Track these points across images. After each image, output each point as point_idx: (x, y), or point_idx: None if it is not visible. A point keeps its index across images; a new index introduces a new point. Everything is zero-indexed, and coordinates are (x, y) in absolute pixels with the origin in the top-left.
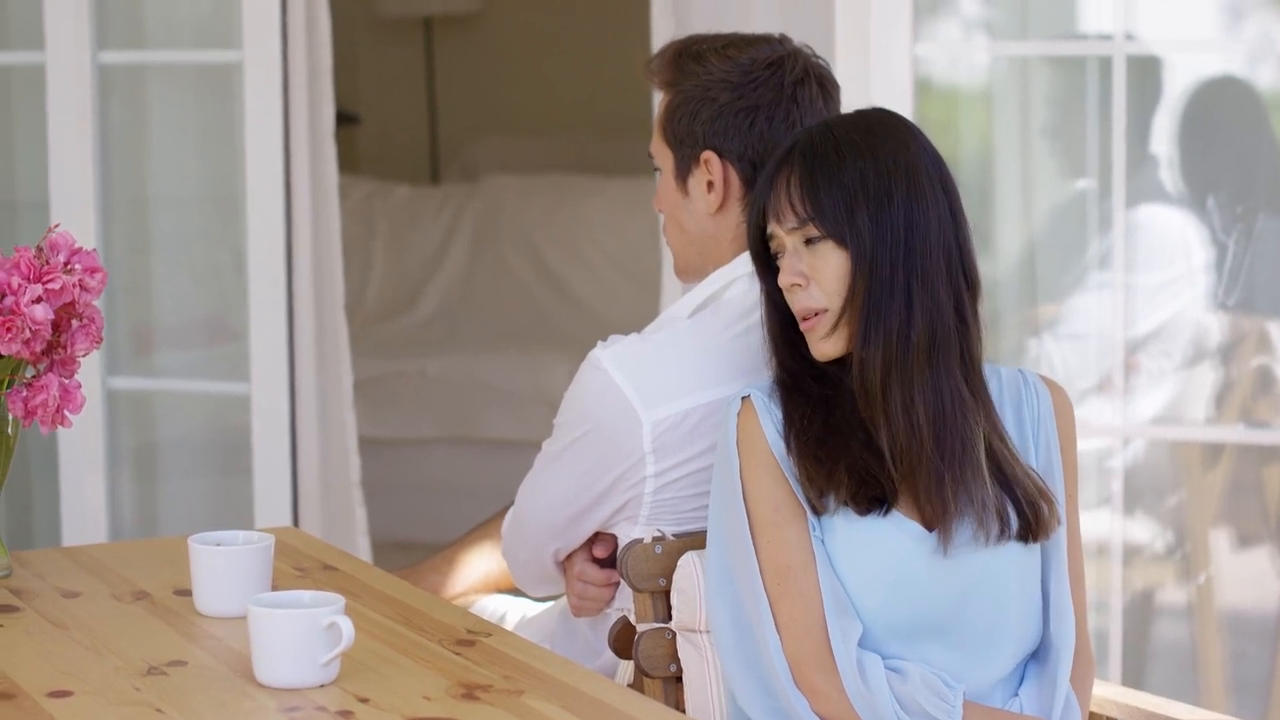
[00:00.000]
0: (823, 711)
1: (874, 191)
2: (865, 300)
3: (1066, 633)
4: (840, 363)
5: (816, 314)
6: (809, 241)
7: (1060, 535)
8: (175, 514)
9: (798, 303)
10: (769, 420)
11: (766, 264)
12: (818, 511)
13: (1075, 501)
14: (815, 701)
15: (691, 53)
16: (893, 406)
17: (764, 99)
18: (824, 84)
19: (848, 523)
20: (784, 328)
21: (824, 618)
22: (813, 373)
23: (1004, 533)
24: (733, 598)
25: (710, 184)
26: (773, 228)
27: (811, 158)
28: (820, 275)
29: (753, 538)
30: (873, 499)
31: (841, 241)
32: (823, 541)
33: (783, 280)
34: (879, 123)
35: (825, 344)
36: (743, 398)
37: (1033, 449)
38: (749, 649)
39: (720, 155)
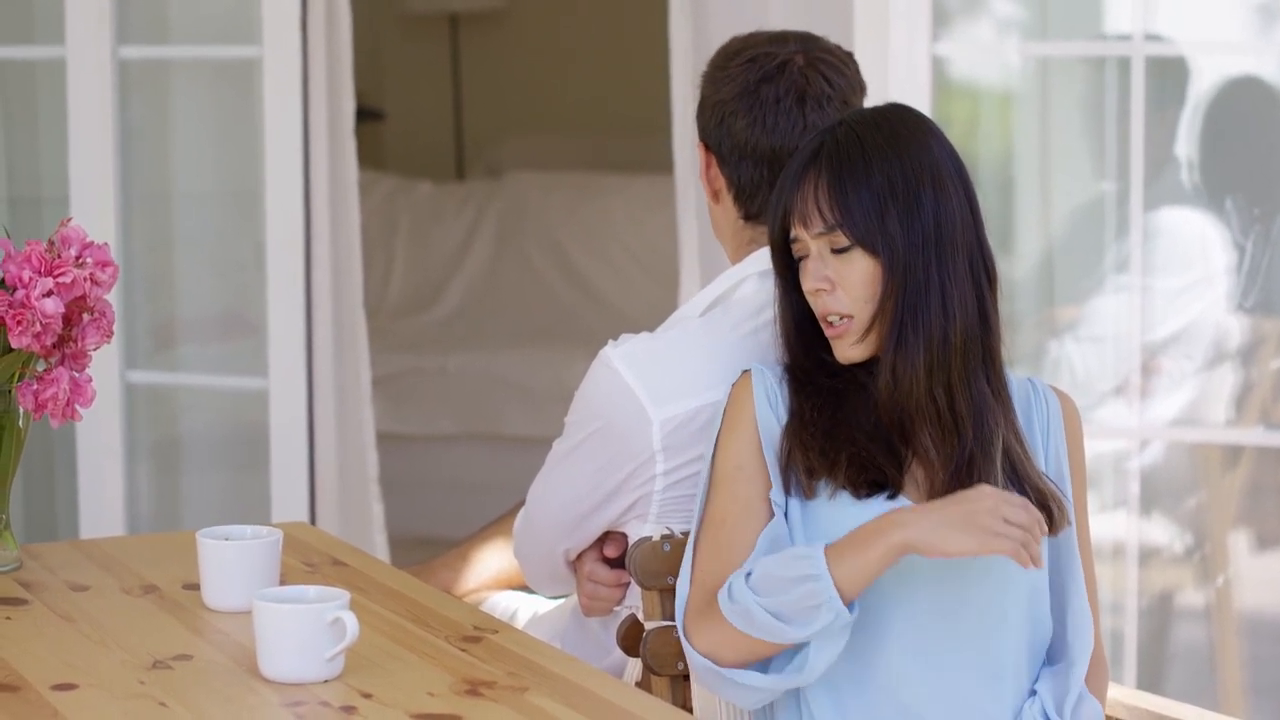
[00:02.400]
0: (706, 650)
1: (902, 196)
2: (899, 306)
3: (1085, 640)
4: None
5: (842, 318)
6: (836, 248)
7: (1073, 543)
8: (193, 509)
9: (823, 307)
10: (762, 390)
11: (786, 263)
12: (807, 494)
13: (1085, 510)
14: (696, 643)
15: (715, 51)
16: (938, 409)
17: (730, 93)
18: (804, 84)
19: (853, 504)
20: (799, 326)
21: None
22: (824, 369)
23: None
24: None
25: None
26: (797, 231)
27: (838, 162)
28: (847, 282)
29: (708, 494)
30: (872, 483)
31: (872, 249)
32: (803, 520)
33: (808, 285)
34: (901, 122)
35: (854, 350)
36: (745, 370)
37: (1042, 456)
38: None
39: (706, 148)
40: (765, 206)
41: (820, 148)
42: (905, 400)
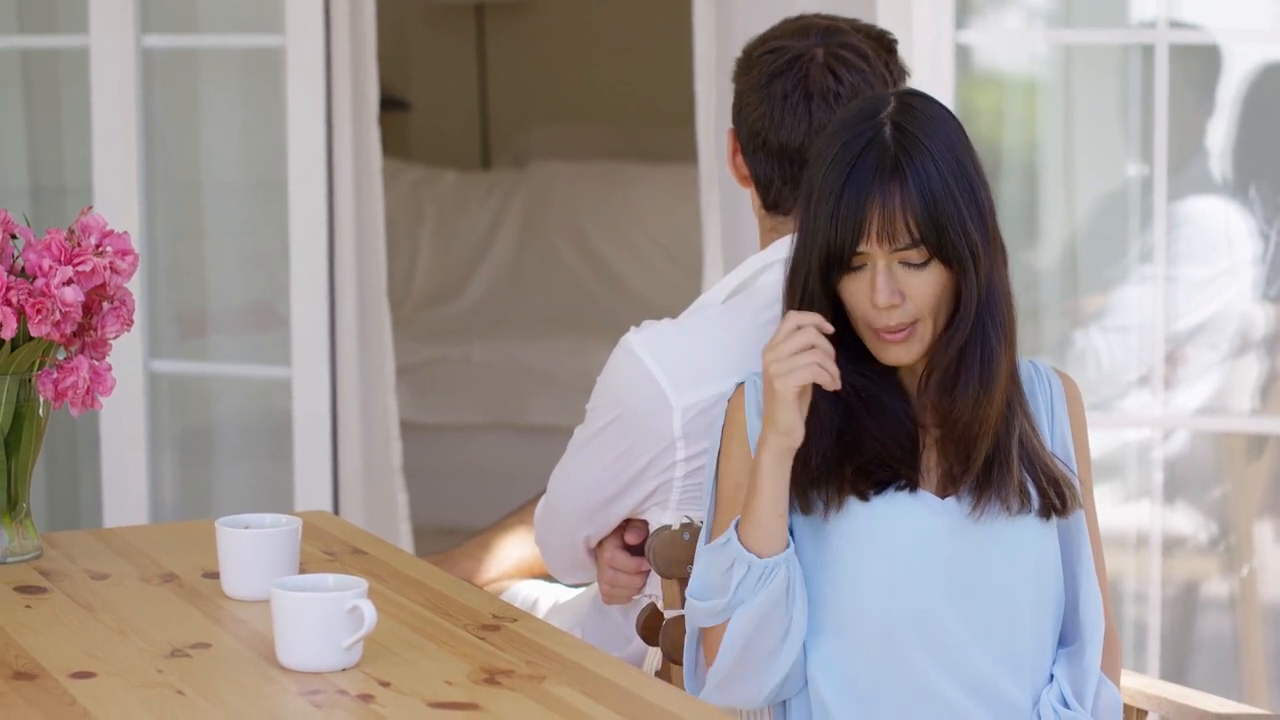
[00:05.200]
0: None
1: (972, 201)
2: (977, 314)
3: (1096, 619)
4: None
5: (905, 328)
6: (914, 262)
7: (1082, 525)
8: (217, 498)
9: (890, 319)
10: (753, 406)
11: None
12: (804, 510)
13: (1090, 491)
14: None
15: (743, 39)
16: (982, 410)
17: (748, 85)
18: (810, 82)
19: (861, 506)
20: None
21: None
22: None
23: (1024, 507)
24: None
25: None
26: (870, 246)
27: (920, 176)
28: (918, 293)
29: (714, 516)
30: (879, 483)
31: (958, 262)
32: (811, 534)
33: (881, 300)
34: (941, 118)
35: (909, 355)
36: (739, 384)
37: (1048, 437)
38: None
39: (734, 134)
40: (781, 199)
41: (895, 162)
42: (960, 405)
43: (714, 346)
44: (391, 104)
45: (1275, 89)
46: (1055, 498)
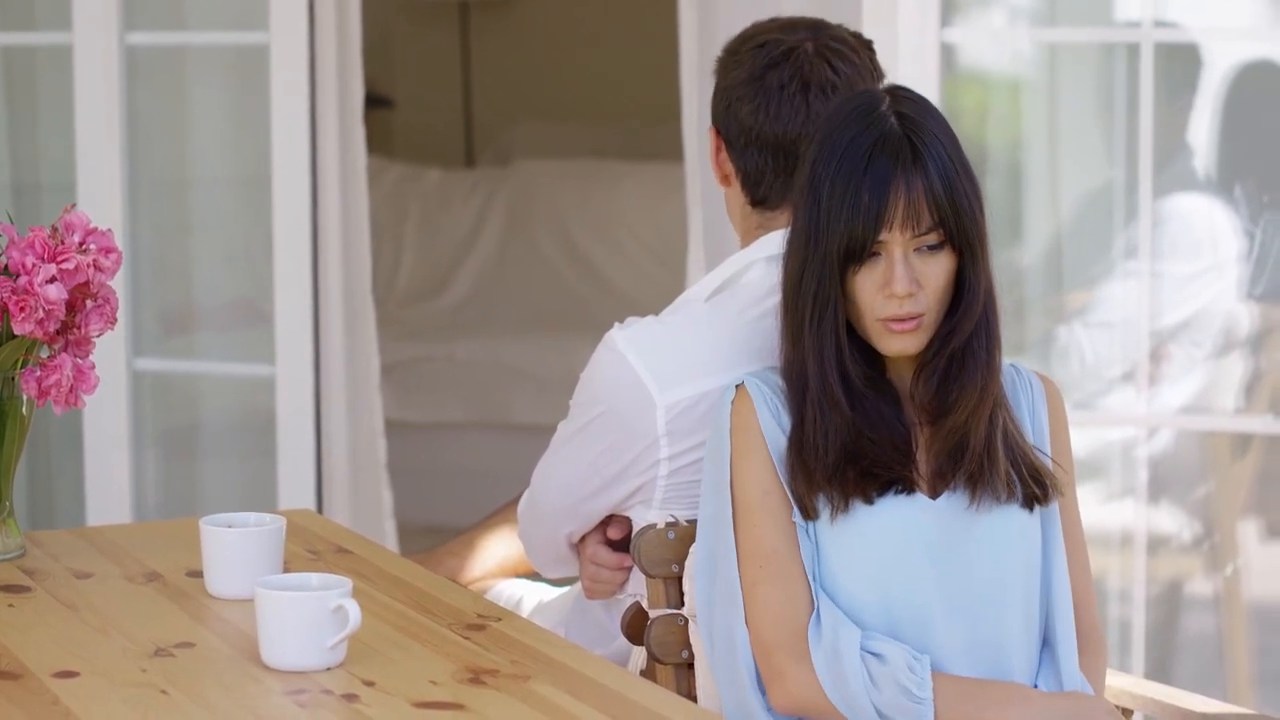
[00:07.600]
0: (787, 699)
1: (970, 186)
2: (982, 301)
3: (1066, 618)
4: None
5: (914, 317)
6: (928, 246)
7: (1058, 523)
8: (201, 497)
9: (903, 308)
10: (765, 408)
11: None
12: (809, 515)
13: (1073, 490)
14: (781, 686)
15: (726, 36)
16: (982, 401)
17: (738, 79)
18: (808, 72)
19: (865, 510)
20: (839, 338)
21: (806, 603)
22: (846, 386)
23: (1010, 498)
24: (713, 585)
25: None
26: (889, 235)
27: (939, 160)
28: (929, 279)
29: (736, 524)
30: (884, 484)
31: (968, 246)
32: (814, 539)
33: (900, 288)
34: (931, 107)
35: (914, 345)
36: (737, 385)
37: (1030, 438)
38: (722, 639)
39: (716, 131)
40: (771, 192)
41: (913, 150)
42: (948, 402)
43: (698, 344)
44: (376, 101)
45: (1259, 87)
46: (1036, 486)
